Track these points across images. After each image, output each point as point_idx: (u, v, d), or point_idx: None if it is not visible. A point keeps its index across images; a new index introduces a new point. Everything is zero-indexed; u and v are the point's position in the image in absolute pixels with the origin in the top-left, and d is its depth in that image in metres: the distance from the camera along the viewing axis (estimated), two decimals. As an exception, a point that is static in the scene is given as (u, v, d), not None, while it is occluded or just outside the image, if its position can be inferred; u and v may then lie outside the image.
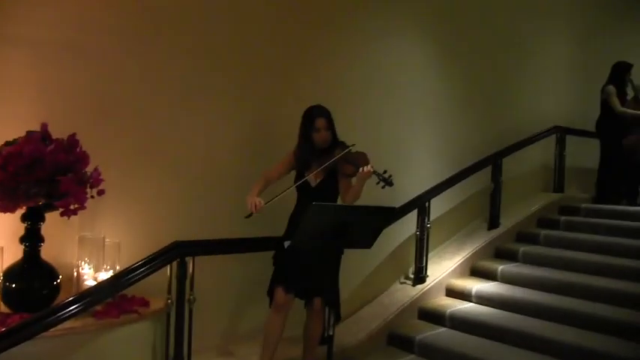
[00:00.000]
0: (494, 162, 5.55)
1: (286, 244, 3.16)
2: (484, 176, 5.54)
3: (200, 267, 3.36)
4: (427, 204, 4.76)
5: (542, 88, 6.64)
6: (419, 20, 5.13)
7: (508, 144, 5.77)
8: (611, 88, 6.26)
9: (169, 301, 3.29)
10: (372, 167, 3.23)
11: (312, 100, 3.47)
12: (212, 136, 3.80)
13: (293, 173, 3.44)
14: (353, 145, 3.30)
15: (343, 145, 3.36)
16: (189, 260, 3.30)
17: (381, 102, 4.80)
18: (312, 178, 3.34)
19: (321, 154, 3.34)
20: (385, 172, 3.25)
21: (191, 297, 3.33)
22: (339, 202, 3.43)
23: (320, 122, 3.31)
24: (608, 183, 6.37)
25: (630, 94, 6.38)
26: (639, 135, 6.19)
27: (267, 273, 3.36)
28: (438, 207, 5.15)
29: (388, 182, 3.24)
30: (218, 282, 3.72)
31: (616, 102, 6.22)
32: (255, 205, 3.14)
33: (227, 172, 3.83)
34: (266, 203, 3.15)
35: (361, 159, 3.30)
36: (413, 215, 4.73)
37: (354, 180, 3.35)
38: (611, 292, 4.24)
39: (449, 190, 5.11)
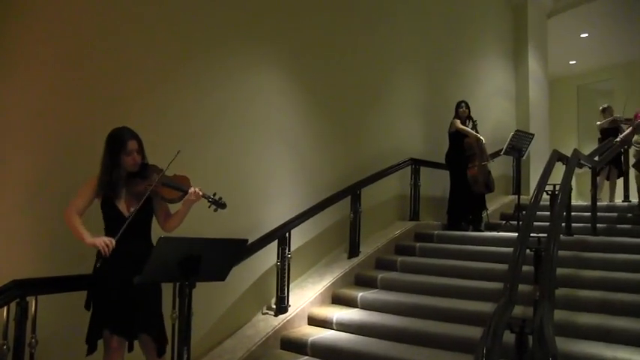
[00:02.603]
0: (353, 192, 5.75)
1: (136, 279, 2.96)
2: (345, 206, 5.72)
3: (44, 306, 3.09)
4: (287, 234, 4.79)
5: (399, 123, 7.03)
6: (277, 57, 5.21)
7: (367, 175, 6.03)
8: (457, 121, 6.90)
9: (5, 347, 2.95)
10: (200, 190, 3.14)
11: (160, 130, 3.36)
12: (49, 170, 3.50)
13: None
14: (169, 164, 3.12)
15: (156, 168, 3.19)
16: (31, 300, 3.02)
17: (236, 135, 4.74)
18: (125, 206, 3.11)
19: (130, 178, 3.14)
20: (215, 194, 3.18)
21: (33, 340, 3.02)
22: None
23: (133, 144, 3.11)
24: (456, 211, 6.86)
25: (469, 125, 7.00)
26: (480, 166, 6.77)
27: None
28: (299, 237, 5.22)
29: (220, 204, 3.17)
30: (64, 322, 3.42)
31: (467, 130, 6.86)
32: (107, 245, 2.93)
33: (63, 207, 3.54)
34: (116, 240, 2.96)
35: (185, 182, 3.18)
36: (274, 246, 4.73)
37: (178, 205, 3.20)
38: (459, 312, 4.51)
39: (311, 220, 5.20)
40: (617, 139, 7.40)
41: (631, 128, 7.05)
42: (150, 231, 3.24)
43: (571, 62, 12.96)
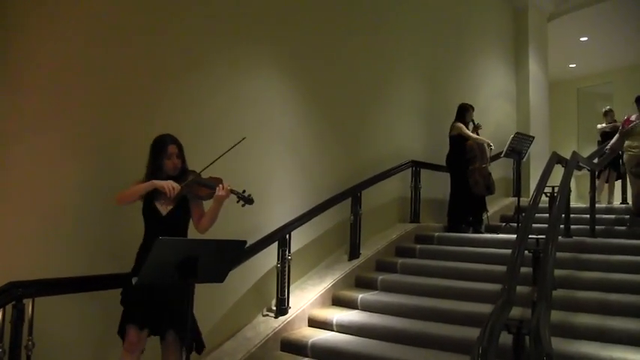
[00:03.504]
0: (353, 194, 5.78)
1: (134, 280, 3.03)
2: (345, 208, 5.75)
3: (42, 307, 3.11)
4: (288, 236, 4.81)
5: (399, 125, 7.05)
6: (277, 59, 5.23)
7: (368, 177, 6.06)
8: (460, 124, 6.88)
9: (0, 350, 2.97)
10: (229, 186, 3.27)
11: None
12: (52, 170, 3.53)
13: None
14: (208, 166, 3.33)
15: (194, 173, 3.38)
16: (28, 302, 3.04)
17: (237, 137, 4.75)
18: (163, 206, 3.28)
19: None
20: (244, 191, 3.31)
21: (29, 342, 3.04)
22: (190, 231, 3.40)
23: (172, 148, 3.33)
24: (457, 213, 6.88)
25: (470, 128, 7.00)
26: (481, 169, 6.78)
27: (119, 309, 3.21)
28: (300, 239, 5.24)
29: (248, 200, 3.29)
30: (64, 323, 3.44)
31: (469, 133, 6.85)
32: (173, 188, 3.16)
33: (70, 208, 3.57)
34: (182, 186, 3.22)
35: (216, 181, 3.33)
36: (275, 247, 4.76)
37: (210, 203, 3.34)
38: (459, 314, 4.54)
39: (311, 222, 5.23)
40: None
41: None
42: (186, 232, 3.40)
43: (571, 65, 12.98)
